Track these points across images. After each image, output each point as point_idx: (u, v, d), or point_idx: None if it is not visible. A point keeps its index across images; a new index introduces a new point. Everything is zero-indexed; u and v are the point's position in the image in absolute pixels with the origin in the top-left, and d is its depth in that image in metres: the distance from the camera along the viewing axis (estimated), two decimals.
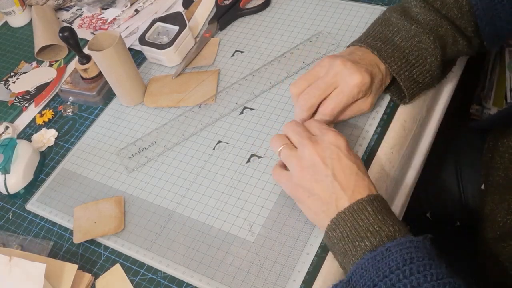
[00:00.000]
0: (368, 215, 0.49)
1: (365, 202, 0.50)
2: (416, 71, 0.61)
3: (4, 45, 1.00)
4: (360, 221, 0.49)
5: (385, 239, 0.47)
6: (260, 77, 0.75)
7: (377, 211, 0.49)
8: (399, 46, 0.61)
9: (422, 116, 0.68)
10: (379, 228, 0.48)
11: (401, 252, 0.45)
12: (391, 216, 0.50)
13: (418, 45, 0.60)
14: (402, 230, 0.49)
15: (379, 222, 0.49)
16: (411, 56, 0.60)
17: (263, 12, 0.86)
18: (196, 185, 0.66)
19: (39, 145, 0.78)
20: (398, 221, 0.50)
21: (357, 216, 0.49)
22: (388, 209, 0.51)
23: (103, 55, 0.70)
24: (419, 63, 0.61)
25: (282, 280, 0.56)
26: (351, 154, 0.54)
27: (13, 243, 0.67)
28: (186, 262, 0.60)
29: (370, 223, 0.49)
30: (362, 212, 0.50)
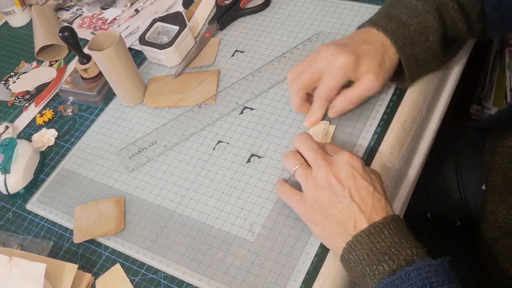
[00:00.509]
0: (385, 238, 0.48)
1: (381, 225, 0.49)
2: (418, 49, 0.61)
3: (4, 45, 1.00)
4: (377, 244, 0.48)
5: (403, 263, 0.47)
6: (260, 77, 0.75)
7: (394, 234, 0.49)
8: (404, 23, 0.61)
9: (422, 116, 0.68)
10: (396, 252, 0.47)
11: (420, 276, 0.45)
12: (408, 238, 0.49)
13: (424, 23, 0.61)
14: (420, 253, 0.48)
15: (396, 245, 0.48)
16: (415, 33, 0.61)
17: (263, 12, 0.86)
18: (196, 185, 0.66)
19: (39, 145, 0.78)
20: (416, 243, 0.49)
21: (374, 239, 0.49)
22: (405, 230, 0.50)
23: (103, 55, 0.70)
24: (422, 41, 0.61)
25: (282, 280, 0.56)
26: (366, 174, 0.53)
27: (13, 243, 0.67)
28: (186, 262, 0.60)
29: (387, 246, 0.48)
30: (379, 235, 0.49)
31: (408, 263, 0.47)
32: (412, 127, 0.66)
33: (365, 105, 0.68)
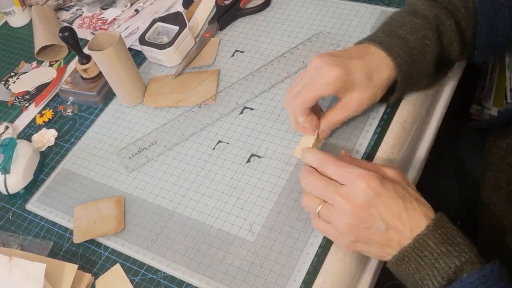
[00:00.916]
0: (432, 251, 0.47)
1: (425, 236, 0.48)
2: (415, 67, 0.60)
3: (4, 45, 1.00)
4: (424, 258, 0.47)
5: (452, 277, 0.46)
6: (260, 77, 0.75)
7: (440, 242, 0.47)
8: (404, 38, 0.59)
9: (422, 116, 0.68)
10: (445, 264, 0.46)
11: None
12: (454, 243, 0.47)
13: (423, 40, 0.59)
14: (470, 260, 0.46)
15: (443, 256, 0.47)
16: (414, 50, 0.59)
17: (263, 12, 0.86)
18: (196, 185, 0.66)
19: (39, 145, 0.78)
20: (464, 246, 0.47)
21: (421, 253, 0.48)
22: (451, 232, 0.48)
23: (103, 55, 0.70)
24: (419, 59, 0.60)
25: (282, 280, 0.56)
26: (389, 189, 0.49)
27: (13, 243, 0.67)
28: (186, 262, 0.60)
29: (435, 259, 0.47)
30: (425, 248, 0.47)
31: (457, 275, 0.46)
32: (412, 127, 0.66)
33: None
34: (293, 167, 0.64)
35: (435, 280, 0.47)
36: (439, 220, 0.49)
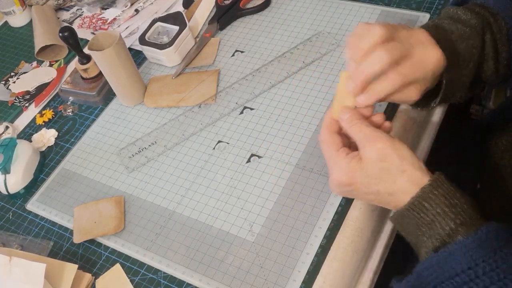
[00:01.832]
0: (428, 212, 0.48)
1: (421, 198, 0.48)
2: (455, 73, 0.57)
3: (4, 45, 1.00)
4: (421, 219, 0.48)
5: (446, 239, 0.47)
6: (260, 77, 0.75)
7: (436, 204, 0.48)
8: (454, 44, 0.57)
9: (422, 116, 0.68)
10: (439, 226, 0.47)
11: (464, 255, 0.44)
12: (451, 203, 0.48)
13: (470, 48, 0.57)
14: (466, 221, 0.47)
15: (439, 217, 0.47)
16: (461, 57, 0.57)
17: (263, 12, 0.86)
18: (196, 185, 0.66)
19: (39, 145, 0.78)
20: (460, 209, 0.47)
21: (417, 215, 0.48)
22: (449, 192, 0.48)
23: (103, 55, 0.70)
24: (463, 66, 0.57)
25: (282, 280, 0.56)
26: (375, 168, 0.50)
27: (13, 243, 0.67)
28: (186, 262, 0.60)
29: (431, 220, 0.48)
30: (421, 210, 0.48)
31: (452, 238, 0.46)
32: (412, 127, 0.66)
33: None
34: (293, 167, 0.64)
35: (429, 240, 0.48)
36: (435, 181, 0.49)
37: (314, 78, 0.73)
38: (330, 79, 0.72)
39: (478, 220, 0.47)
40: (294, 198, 0.62)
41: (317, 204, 0.60)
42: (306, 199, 0.61)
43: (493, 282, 0.43)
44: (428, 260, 0.47)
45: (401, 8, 0.78)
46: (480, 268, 0.43)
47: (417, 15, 0.76)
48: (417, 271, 0.48)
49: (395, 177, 0.50)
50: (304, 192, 0.62)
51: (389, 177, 0.50)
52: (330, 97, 0.70)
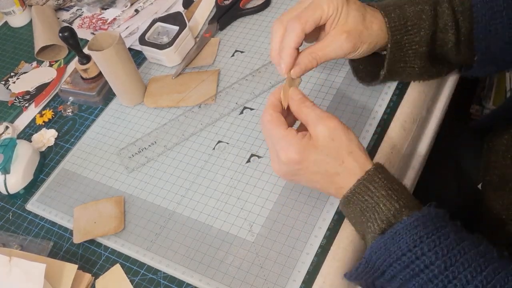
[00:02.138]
0: (372, 194, 0.50)
1: (366, 181, 0.50)
2: (406, 39, 0.58)
3: (4, 45, 1.00)
4: (365, 202, 0.50)
5: (392, 219, 0.48)
6: (260, 77, 0.75)
7: (380, 187, 0.50)
8: (402, 8, 0.59)
9: (422, 116, 0.68)
10: (384, 207, 0.49)
11: (410, 233, 0.46)
12: (394, 188, 0.50)
13: (419, 13, 0.58)
14: (408, 204, 0.49)
15: (383, 199, 0.49)
16: (409, 21, 0.58)
17: (263, 12, 0.86)
18: (196, 185, 0.66)
19: (39, 145, 0.78)
20: (403, 192, 0.50)
21: (362, 198, 0.50)
22: (390, 178, 0.51)
23: (103, 55, 0.70)
24: (413, 32, 0.58)
25: (282, 280, 0.56)
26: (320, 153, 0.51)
27: (13, 243, 0.67)
28: (186, 262, 0.60)
29: (375, 202, 0.49)
30: (365, 192, 0.50)
31: (396, 218, 0.48)
32: (412, 127, 0.66)
33: (365, 105, 0.68)
34: None
35: (375, 223, 0.49)
36: (378, 167, 0.51)
37: (314, 78, 0.73)
38: (330, 79, 0.72)
39: (418, 204, 0.50)
40: (294, 198, 0.62)
41: (317, 204, 0.60)
42: (306, 199, 0.61)
43: (437, 257, 0.44)
44: (375, 243, 0.48)
45: None
46: (425, 245, 0.45)
47: None
48: (365, 257, 0.49)
49: (344, 157, 0.51)
50: (304, 192, 0.62)
51: (338, 157, 0.51)
52: (330, 97, 0.70)
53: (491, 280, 0.43)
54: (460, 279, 0.43)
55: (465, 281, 0.43)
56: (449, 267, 0.44)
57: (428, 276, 0.44)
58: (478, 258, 0.44)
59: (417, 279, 0.45)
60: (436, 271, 0.44)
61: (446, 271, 0.44)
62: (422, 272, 0.45)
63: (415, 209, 0.48)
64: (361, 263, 0.50)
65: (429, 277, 0.44)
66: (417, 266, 0.45)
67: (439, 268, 0.44)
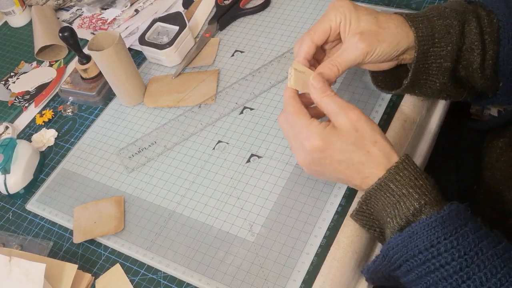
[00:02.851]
0: (393, 193, 0.50)
1: (387, 179, 0.50)
2: (432, 51, 0.57)
3: (4, 45, 1.00)
4: (387, 199, 0.50)
5: (410, 218, 0.48)
6: (260, 77, 0.75)
7: (401, 185, 0.50)
8: (430, 20, 0.58)
9: (422, 116, 0.68)
10: (404, 206, 0.49)
11: (427, 233, 0.46)
12: (416, 185, 0.50)
13: (448, 28, 0.57)
14: (430, 202, 0.49)
15: (404, 198, 0.49)
16: (437, 33, 0.57)
17: (263, 12, 0.86)
18: (196, 185, 0.66)
19: (39, 145, 0.78)
20: (425, 190, 0.49)
21: (384, 194, 0.50)
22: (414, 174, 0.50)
23: (103, 55, 0.70)
24: (440, 46, 0.57)
25: (282, 280, 0.56)
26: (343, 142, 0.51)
27: (13, 243, 0.67)
28: (186, 262, 0.60)
29: (396, 200, 0.50)
30: (387, 190, 0.50)
31: (415, 217, 0.48)
32: (412, 127, 0.66)
33: (365, 105, 0.68)
34: (293, 167, 0.64)
35: (394, 220, 0.50)
36: (402, 163, 0.51)
37: None
38: None
39: (441, 201, 0.49)
40: (294, 198, 0.62)
41: (317, 204, 0.60)
42: (306, 199, 0.61)
43: (454, 259, 0.45)
44: (393, 240, 0.49)
45: (401, 8, 0.78)
46: (442, 245, 0.45)
47: None
48: (383, 251, 0.50)
49: (369, 147, 0.51)
50: (304, 192, 0.62)
51: (364, 147, 0.51)
52: None
53: (505, 282, 0.43)
54: (474, 280, 0.44)
55: (478, 283, 0.44)
56: (464, 268, 0.44)
57: (443, 275, 0.45)
58: (494, 260, 0.44)
59: (432, 276, 0.46)
60: (451, 271, 0.45)
61: (461, 272, 0.44)
62: (438, 270, 0.45)
63: (436, 207, 0.48)
64: (378, 257, 0.51)
65: (444, 276, 0.45)
66: (432, 265, 0.46)
67: (454, 268, 0.45)
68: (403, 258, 0.48)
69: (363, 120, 0.52)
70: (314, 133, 0.52)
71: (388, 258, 0.49)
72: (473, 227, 0.46)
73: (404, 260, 0.47)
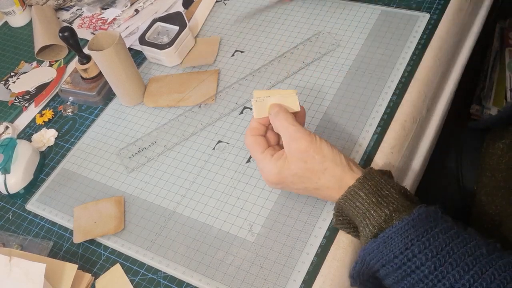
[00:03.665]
0: (363, 201, 0.51)
1: (356, 188, 0.52)
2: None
3: (4, 45, 1.00)
4: (357, 209, 0.52)
5: (383, 225, 0.50)
6: (260, 77, 0.75)
7: (370, 193, 0.51)
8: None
9: (422, 116, 0.68)
10: (375, 214, 0.50)
11: (401, 237, 0.48)
12: (383, 194, 0.51)
13: None
14: (398, 208, 0.50)
15: (374, 206, 0.51)
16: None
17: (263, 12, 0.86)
18: (196, 185, 0.66)
19: (39, 145, 0.78)
20: (391, 198, 0.51)
21: (353, 204, 0.52)
22: (380, 184, 0.52)
23: (103, 55, 0.70)
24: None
25: (282, 280, 0.56)
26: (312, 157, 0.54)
27: (13, 243, 0.67)
28: (186, 262, 0.60)
29: (366, 209, 0.51)
30: (356, 199, 0.52)
31: (388, 223, 0.50)
32: (412, 127, 0.66)
33: (365, 105, 0.68)
34: None
35: (367, 228, 0.51)
36: (368, 174, 0.53)
37: (314, 78, 0.73)
38: (330, 79, 0.72)
39: (409, 206, 0.51)
40: (294, 198, 0.62)
41: (317, 204, 0.60)
42: (306, 199, 0.61)
43: (428, 259, 0.46)
44: (369, 246, 0.50)
45: (401, 8, 0.78)
46: (415, 247, 0.47)
47: (417, 15, 0.76)
48: (361, 256, 0.51)
49: (319, 175, 0.54)
50: None
51: (313, 176, 0.54)
52: (330, 97, 0.70)
53: (478, 278, 0.44)
54: (449, 278, 0.45)
55: (453, 280, 0.45)
56: (438, 267, 0.46)
57: (419, 276, 0.46)
58: (466, 258, 0.46)
59: (409, 279, 0.47)
60: (426, 271, 0.46)
61: (436, 271, 0.46)
62: (414, 272, 0.47)
63: (406, 212, 0.50)
64: (357, 262, 0.52)
65: (420, 277, 0.46)
66: (408, 268, 0.47)
67: (429, 268, 0.46)
68: (379, 263, 0.49)
69: (312, 150, 0.54)
70: (267, 169, 0.56)
71: (366, 264, 0.51)
72: (443, 227, 0.48)
73: (381, 265, 0.49)
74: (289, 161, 0.55)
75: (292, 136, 0.55)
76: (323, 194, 0.56)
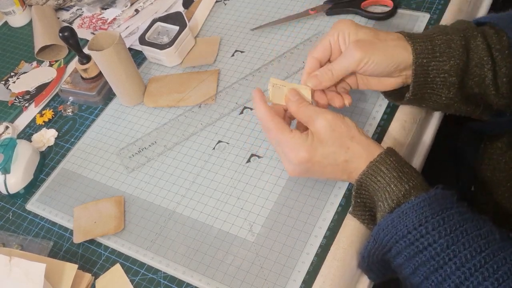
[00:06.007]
0: (384, 176, 0.52)
1: (378, 163, 0.53)
2: (434, 65, 0.58)
3: (4, 45, 1.00)
4: (378, 183, 0.53)
5: (401, 200, 0.50)
6: (260, 77, 0.75)
7: (392, 168, 0.52)
8: (430, 37, 0.58)
9: (422, 116, 0.68)
10: (395, 188, 0.51)
11: (416, 213, 0.48)
12: (404, 171, 0.52)
13: (448, 42, 0.58)
14: (417, 186, 0.51)
15: (394, 180, 0.52)
16: (437, 47, 0.58)
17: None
18: (196, 185, 0.66)
19: (39, 145, 0.78)
20: (412, 174, 0.52)
21: (374, 178, 0.53)
22: (401, 161, 0.53)
23: (103, 55, 0.70)
24: (442, 60, 0.57)
25: (282, 280, 0.56)
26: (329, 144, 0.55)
27: (13, 243, 0.67)
28: (186, 262, 0.60)
29: (387, 183, 0.52)
30: (378, 173, 0.53)
31: (405, 198, 0.51)
32: (412, 127, 0.66)
33: (365, 105, 0.68)
34: None
35: (385, 202, 0.52)
36: (390, 150, 0.54)
37: None
38: None
39: (427, 187, 0.52)
40: (294, 198, 0.62)
41: (317, 204, 0.60)
42: (306, 199, 0.61)
43: (441, 236, 0.47)
44: (383, 221, 0.50)
45: (401, 8, 0.78)
46: (429, 224, 0.47)
47: (417, 15, 0.76)
48: (373, 234, 0.52)
49: (347, 143, 0.55)
50: (304, 192, 0.62)
51: (343, 144, 0.55)
52: None
53: (489, 260, 0.45)
54: (460, 257, 0.45)
55: (464, 260, 0.45)
56: (450, 246, 0.46)
57: (431, 253, 0.47)
58: (479, 240, 0.46)
59: (420, 256, 0.47)
60: (438, 249, 0.46)
61: (448, 249, 0.46)
62: (426, 249, 0.47)
63: (424, 191, 0.50)
64: (369, 241, 0.52)
65: (431, 255, 0.47)
66: (421, 244, 0.47)
67: (441, 246, 0.46)
68: (393, 239, 0.49)
69: (338, 119, 0.55)
70: (298, 145, 0.55)
71: (379, 241, 0.51)
72: (458, 210, 0.48)
73: (394, 241, 0.49)
74: (318, 134, 0.55)
75: (317, 111, 0.56)
76: (351, 166, 0.55)
